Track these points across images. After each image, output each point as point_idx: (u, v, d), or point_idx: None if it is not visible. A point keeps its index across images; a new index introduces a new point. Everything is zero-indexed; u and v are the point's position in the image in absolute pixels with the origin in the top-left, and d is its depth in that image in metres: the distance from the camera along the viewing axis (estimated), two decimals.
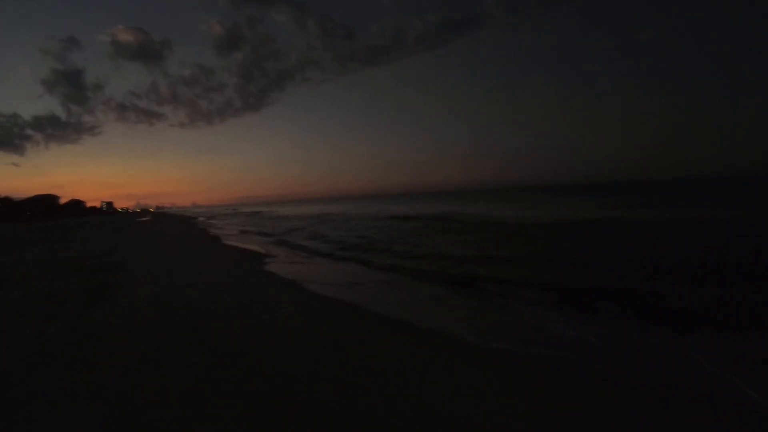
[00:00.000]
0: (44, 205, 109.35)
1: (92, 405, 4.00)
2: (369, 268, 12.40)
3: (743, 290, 8.00)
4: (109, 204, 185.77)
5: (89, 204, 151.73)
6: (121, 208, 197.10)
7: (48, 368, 4.93)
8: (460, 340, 5.81)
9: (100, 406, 3.97)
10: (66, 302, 8.48)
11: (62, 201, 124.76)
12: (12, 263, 15.43)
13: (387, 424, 3.52)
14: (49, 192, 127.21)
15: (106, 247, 20.14)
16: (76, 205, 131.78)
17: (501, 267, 11.32)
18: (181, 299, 8.27)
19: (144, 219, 78.73)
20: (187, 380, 4.43)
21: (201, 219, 64.77)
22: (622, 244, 14.19)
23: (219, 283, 9.94)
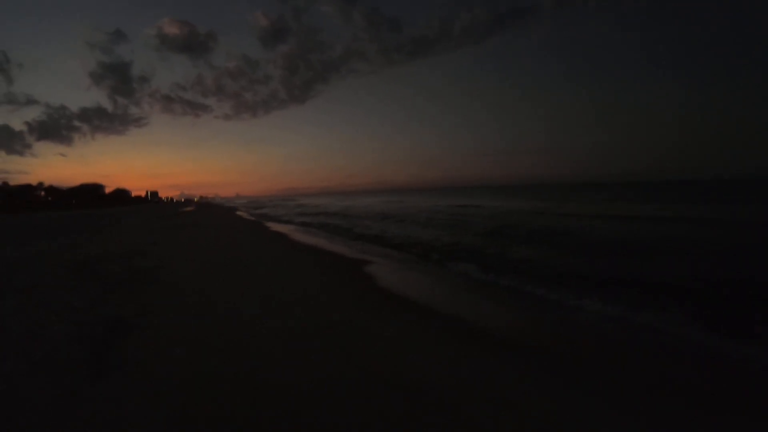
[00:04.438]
0: (90, 193, 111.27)
1: None
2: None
3: None
4: (154, 193, 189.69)
5: (134, 193, 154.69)
6: (166, 198, 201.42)
7: None
8: None
9: None
10: (53, 361, 4.23)
11: (108, 190, 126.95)
12: (22, 259, 11.65)
13: None
14: (95, 181, 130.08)
15: (141, 242, 16.26)
16: (121, 194, 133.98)
17: None
18: (267, 372, 3.73)
19: (188, 209, 77.27)
20: None
21: (250, 210, 61.71)
22: None
23: (322, 324, 5.36)
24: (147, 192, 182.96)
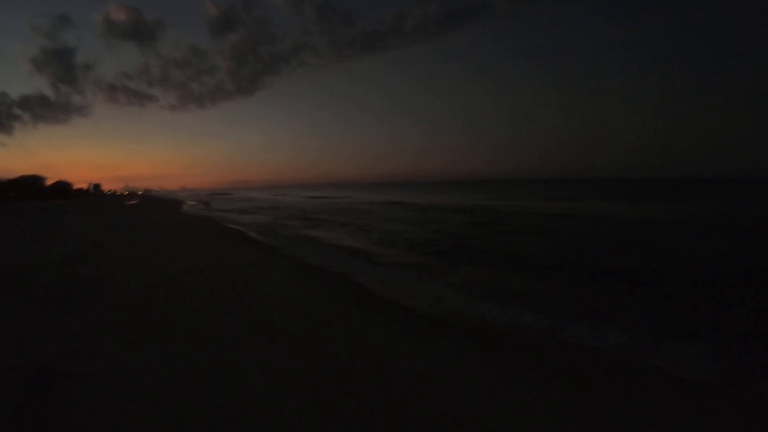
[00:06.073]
0: (29, 186, 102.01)
1: None
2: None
3: None
4: (97, 186, 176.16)
5: (76, 186, 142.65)
6: (109, 191, 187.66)
7: None
8: None
9: None
10: None
11: (49, 182, 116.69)
12: None
13: None
14: (37, 173, 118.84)
15: (82, 243, 14.35)
16: (63, 187, 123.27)
17: None
18: None
19: (132, 202, 72.57)
20: None
21: (196, 204, 58.74)
22: None
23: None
24: (90, 184, 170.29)
